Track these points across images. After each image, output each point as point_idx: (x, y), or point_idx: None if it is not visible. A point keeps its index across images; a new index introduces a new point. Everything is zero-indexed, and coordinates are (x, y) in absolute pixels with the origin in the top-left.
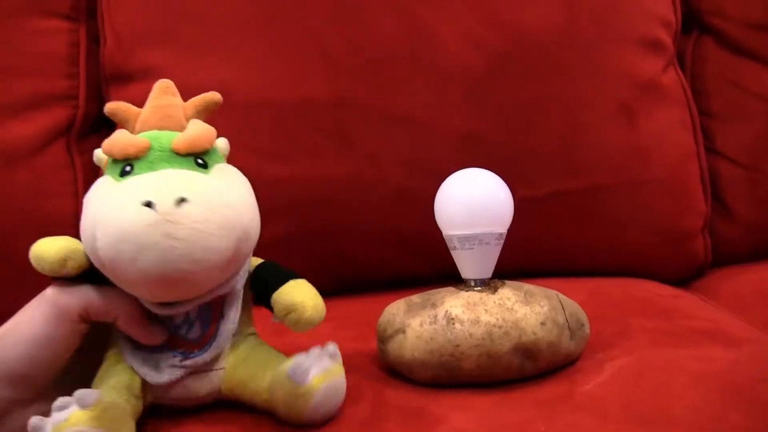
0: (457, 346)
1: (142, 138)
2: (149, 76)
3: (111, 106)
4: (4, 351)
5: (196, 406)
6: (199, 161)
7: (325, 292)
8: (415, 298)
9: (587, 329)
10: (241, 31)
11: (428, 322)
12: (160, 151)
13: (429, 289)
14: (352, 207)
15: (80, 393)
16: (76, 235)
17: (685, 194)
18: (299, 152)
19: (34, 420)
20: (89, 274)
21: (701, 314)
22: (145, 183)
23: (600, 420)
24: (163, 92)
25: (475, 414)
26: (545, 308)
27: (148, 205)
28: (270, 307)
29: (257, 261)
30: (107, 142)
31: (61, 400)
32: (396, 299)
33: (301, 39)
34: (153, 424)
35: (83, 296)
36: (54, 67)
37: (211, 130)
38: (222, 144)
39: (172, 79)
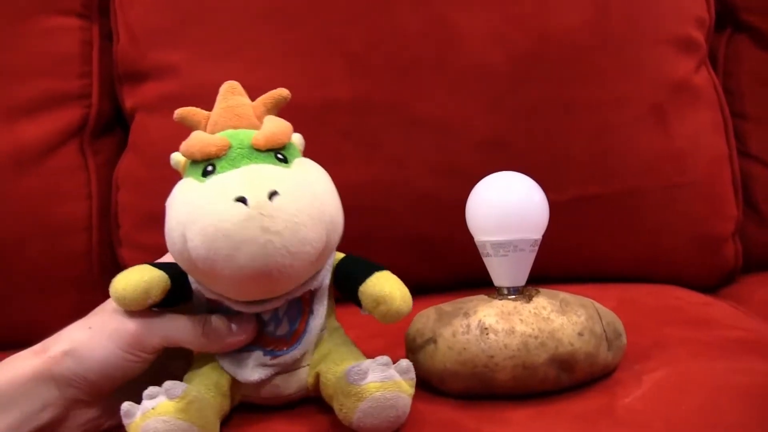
0: (491, 356)
1: (221, 137)
2: (164, 74)
3: (180, 112)
4: (78, 363)
5: (285, 404)
6: (279, 156)
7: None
8: (446, 306)
9: (624, 339)
10: (259, 29)
11: (461, 331)
12: (240, 148)
13: (457, 297)
14: (377, 212)
15: (169, 384)
16: (89, 236)
17: (716, 198)
18: (321, 156)
19: (126, 406)
20: (172, 294)
21: (736, 323)
22: (232, 179)
23: None
24: (230, 92)
25: (512, 428)
26: (582, 318)
27: (241, 200)
28: (356, 301)
29: (340, 255)
30: (186, 144)
31: (150, 389)
32: (422, 307)
33: (321, 38)
34: (237, 422)
35: (164, 335)
36: (66, 66)
37: (287, 125)
38: (297, 140)
39: (187, 78)
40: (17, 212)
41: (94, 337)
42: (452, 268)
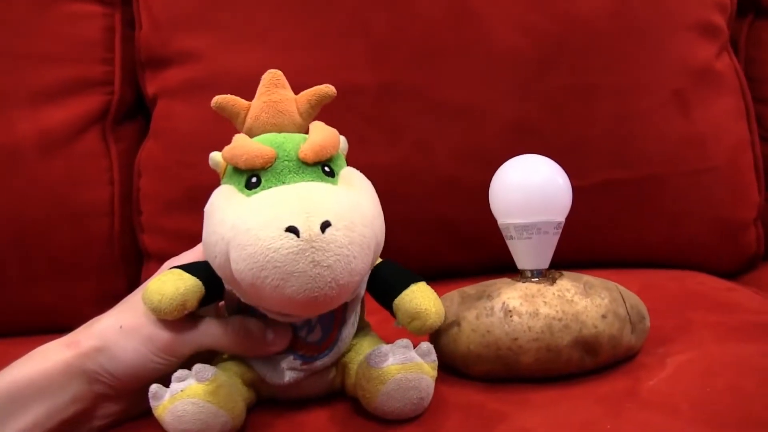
0: (515, 339)
1: (267, 147)
2: (186, 60)
3: (219, 101)
4: (109, 362)
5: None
6: (326, 169)
7: None
8: (469, 289)
9: (648, 322)
10: (281, 15)
11: (484, 314)
12: (287, 160)
13: (481, 281)
14: (401, 196)
15: (198, 367)
16: (111, 222)
17: (738, 184)
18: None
19: (153, 388)
20: (205, 298)
21: (761, 308)
22: (282, 202)
23: (671, 419)
24: (273, 85)
25: (537, 411)
26: (606, 300)
27: (292, 230)
28: (390, 309)
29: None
30: (230, 151)
31: (179, 372)
32: (445, 291)
33: (344, 23)
34: (260, 410)
35: (198, 343)
36: (89, 52)
37: (335, 134)
38: (342, 144)
39: (210, 64)
40: (40, 197)
41: (127, 339)
42: (476, 252)
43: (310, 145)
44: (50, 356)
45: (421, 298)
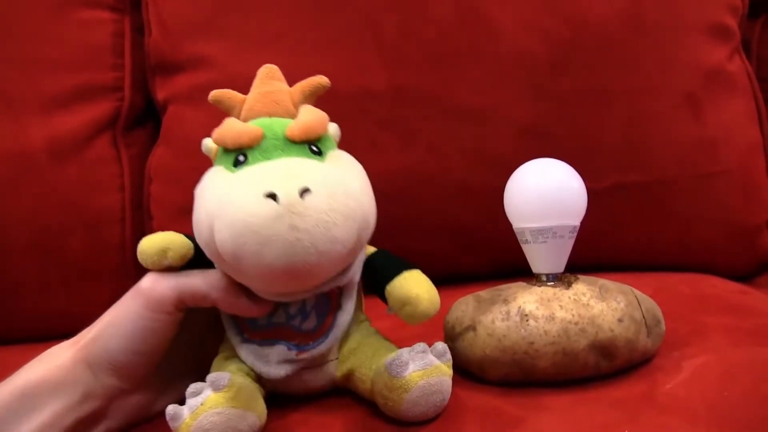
0: (532, 343)
1: (255, 126)
2: (197, 66)
3: (215, 94)
4: (106, 343)
5: (314, 396)
6: (314, 148)
7: None
8: (484, 293)
9: (663, 326)
10: (293, 20)
11: (500, 318)
12: (273, 139)
13: (495, 285)
14: (414, 201)
15: (213, 376)
16: (123, 227)
17: (751, 187)
18: (358, 145)
19: (171, 408)
20: (193, 265)
21: None
22: (264, 173)
23: (689, 423)
24: (268, 77)
25: (554, 414)
26: (621, 304)
27: (271, 196)
28: (383, 298)
29: (371, 249)
30: (218, 131)
31: (194, 386)
32: (460, 295)
33: (356, 28)
34: (273, 415)
35: (176, 285)
36: (99, 58)
37: (324, 116)
38: (333, 130)
39: (221, 70)
40: (53, 203)
41: (117, 314)
42: (489, 256)
43: (297, 124)
44: (57, 355)
45: (413, 284)
